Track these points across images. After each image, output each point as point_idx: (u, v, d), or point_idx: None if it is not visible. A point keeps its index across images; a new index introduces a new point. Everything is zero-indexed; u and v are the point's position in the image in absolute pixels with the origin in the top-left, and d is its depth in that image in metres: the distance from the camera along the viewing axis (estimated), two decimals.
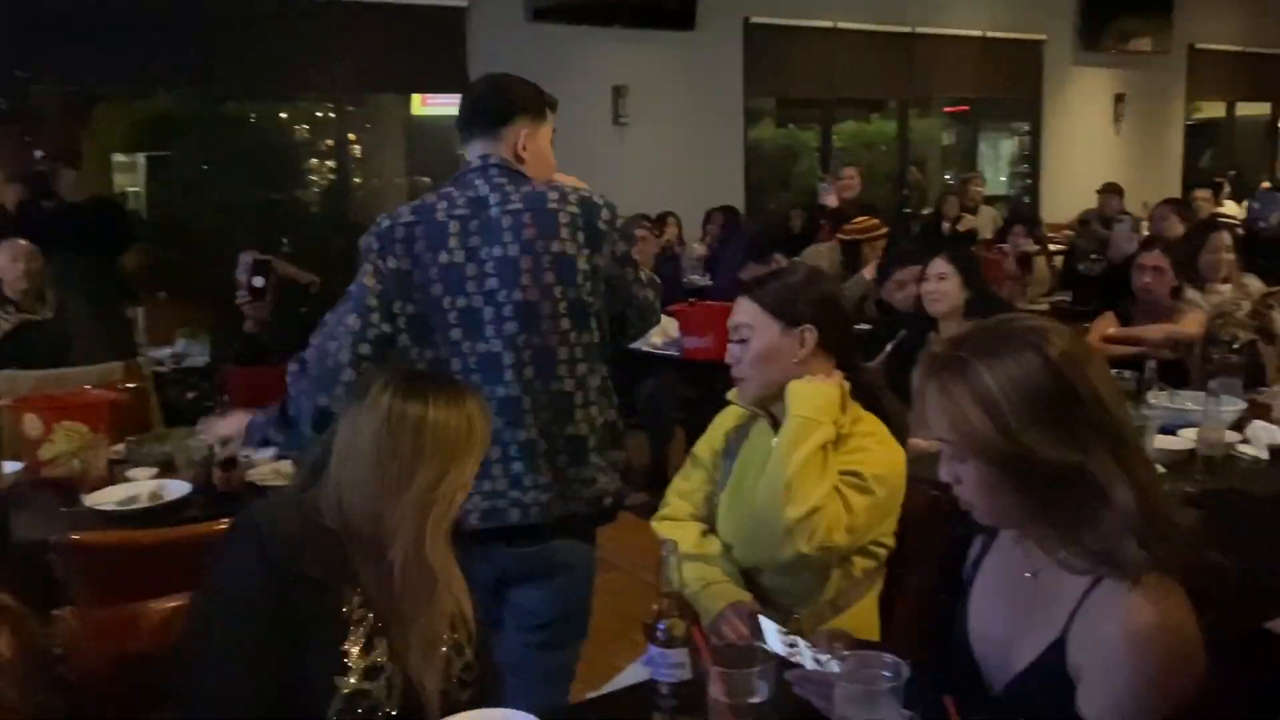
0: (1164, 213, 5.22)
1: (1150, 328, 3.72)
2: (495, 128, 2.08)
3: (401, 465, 1.42)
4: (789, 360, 1.92)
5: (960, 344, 1.32)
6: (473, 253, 1.99)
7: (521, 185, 2.04)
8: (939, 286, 3.34)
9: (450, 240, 2.01)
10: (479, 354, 1.99)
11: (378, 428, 1.43)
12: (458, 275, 1.99)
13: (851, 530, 1.83)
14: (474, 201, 2.02)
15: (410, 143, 9.17)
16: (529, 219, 1.99)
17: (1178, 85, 11.20)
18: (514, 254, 1.98)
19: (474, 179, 2.05)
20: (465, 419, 1.46)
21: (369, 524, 1.43)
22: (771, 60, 8.50)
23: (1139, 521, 1.22)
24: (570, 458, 2.01)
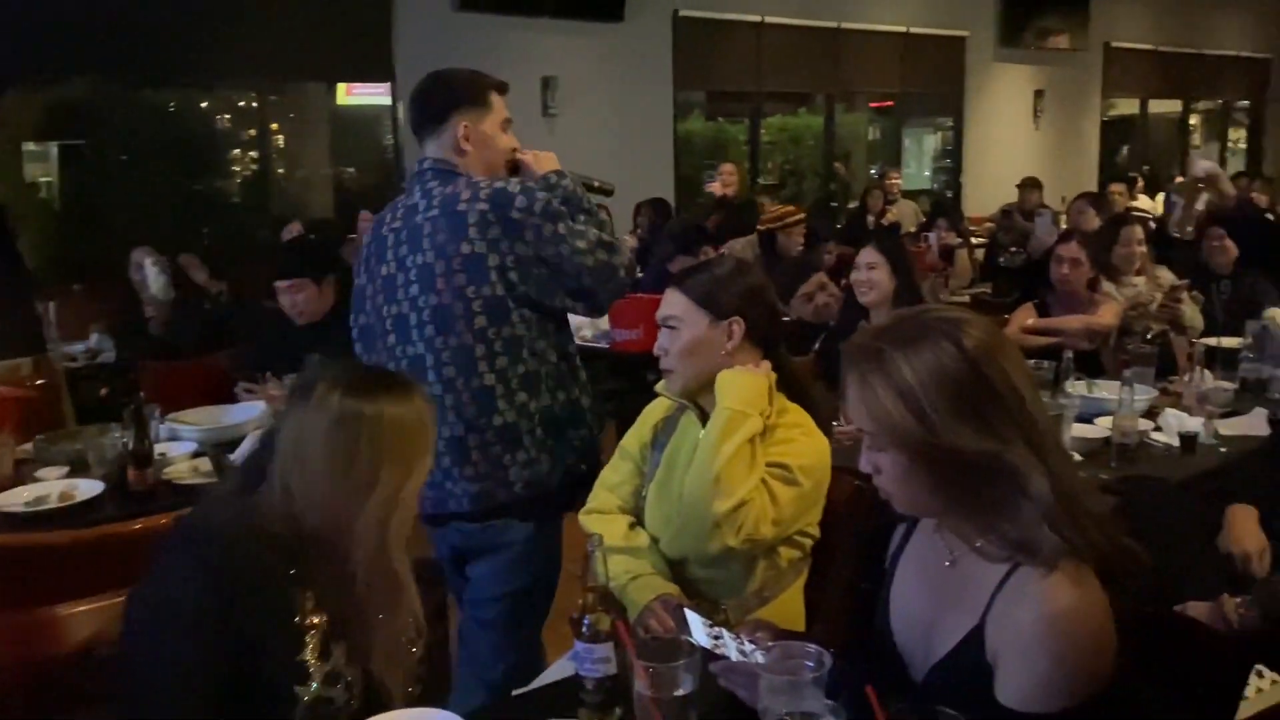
0: (1081, 206, 5.36)
1: (1068, 318, 3.81)
2: (436, 126, 2.18)
3: (363, 468, 1.38)
4: (717, 352, 1.92)
5: (879, 335, 1.33)
6: (401, 262, 2.14)
7: (446, 186, 2.12)
8: (869, 276, 3.38)
9: (388, 252, 2.17)
10: (408, 357, 2.13)
11: (330, 429, 1.39)
12: (391, 284, 2.15)
13: (778, 522, 1.84)
14: (408, 210, 2.16)
15: (335, 133, 9.00)
16: (442, 223, 2.08)
17: (1094, 82, 11.52)
18: (430, 260, 2.09)
19: (414, 185, 2.19)
20: (418, 414, 1.44)
21: (328, 529, 1.39)
22: (700, 53, 8.54)
23: (1054, 509, 1.24)
24: (504, 445, 2.10)
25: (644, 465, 2.06)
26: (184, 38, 6.44)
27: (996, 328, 1.35)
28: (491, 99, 2.23)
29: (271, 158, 7.99)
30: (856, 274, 3.43)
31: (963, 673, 1.29)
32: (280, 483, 1.40)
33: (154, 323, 4.30)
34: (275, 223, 7.31)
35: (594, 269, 2.10)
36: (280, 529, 1.39)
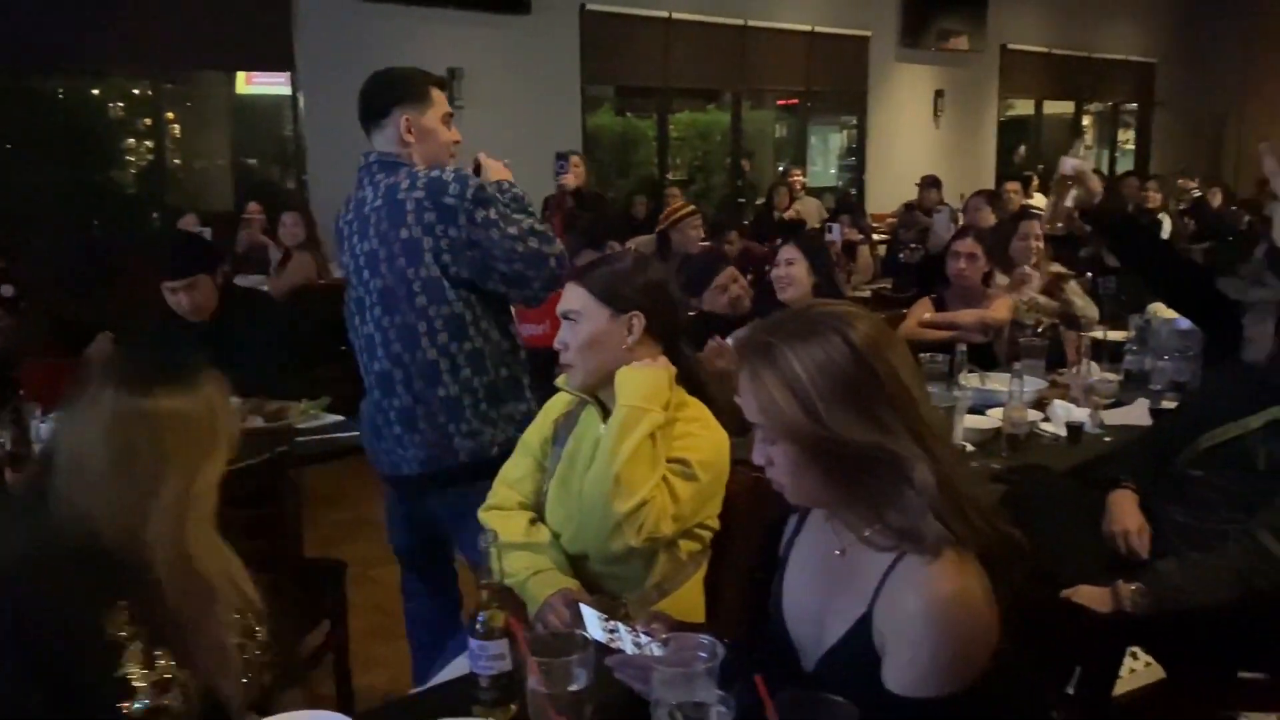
0: (977, 203, 5.51)
1: (963, 312, 3.91)
2: (379, 120, 2.38)
3: (145, 470, 1.30)
4: (617, 346, 1.92)
5: (770, 330, 1.35)
6: (353, 250, 2.38)
7: (390, 176, 2.32)
8: (788, 272, 3.46)
9: (344, 243, 2.43)
10: (363, 336, 2.39)
11: (106, 429, 1.30)
12: (349, 270, 2.41)
13: (678, 518, 1.85)
14: (358, 203, 2.39)
15: (235, 123, 8.77)
16: (384, 212, 2.29)
17: (992, 83, 11.85)
18: (374, 246, 2.31)
19: (362, 177, 2.40)
20: (204, 405, 1.36)
21: (122, 540, 1.31)
22: (609, 48, 8.54)
23: (938, 499, 1.27)
24: (448, 416, 2.31)
25: (545, 461, 2.05)
26: (74, 23, 6.20)
27: (884, 323, 1.38)
28: (432, 94, 2.42)
29: (167, 148, 7.74)
30: (776, 270, 3.51)
31: (852, 660, 1.31)
32: (65, 496, 1.31)
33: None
34: (170, 214, 7.10)
35: (524, 254, 2.26)
36: (76, 545, 1.30)
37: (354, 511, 4.62)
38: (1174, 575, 2.16)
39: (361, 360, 2.44)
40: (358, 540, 4.24)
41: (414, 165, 2.34)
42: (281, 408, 2.96)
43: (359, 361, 2.48)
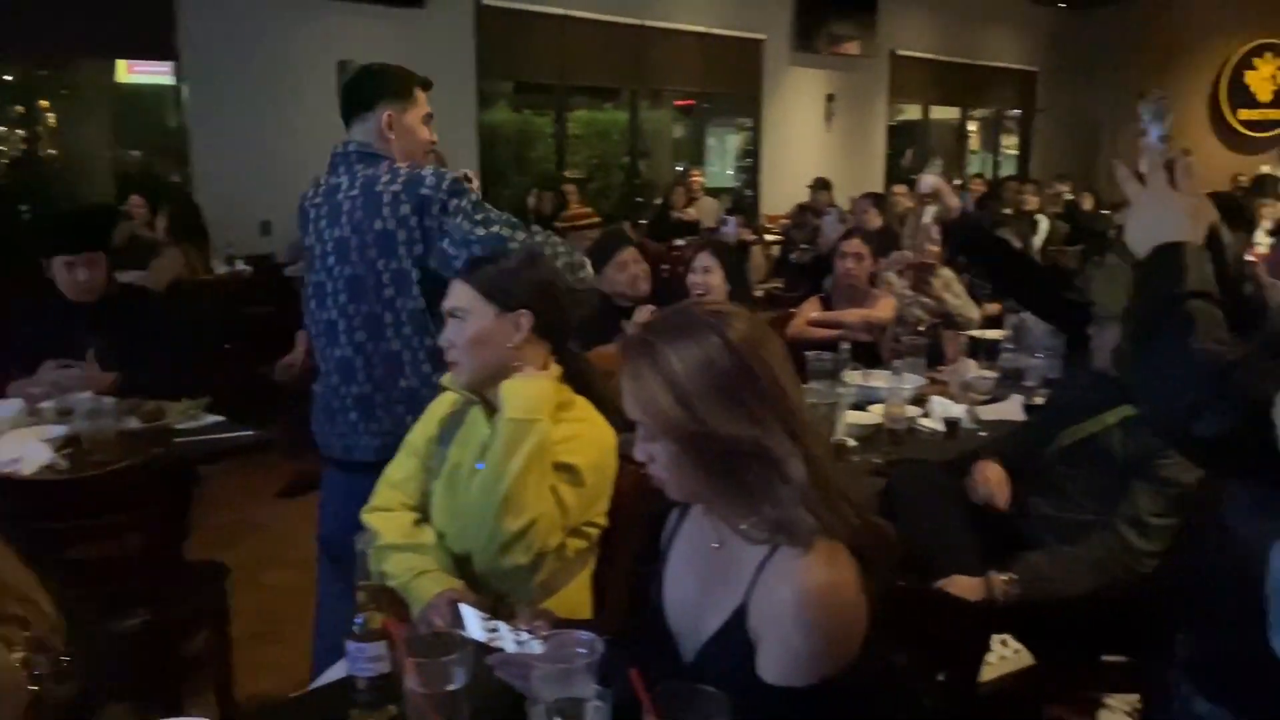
0: (864, 205, 5.66)
1: (848, 312, 4.02)
2: (363, 112, 2.43)
3: None
4: (503, 345, 1.92)
5: (650, 329, 1.38)
6: (320, 234, 2.41)
7: (368, 168, 2.37)
8: (705, 280, 3.53)
9: (309, 225, 2.45)
10: (322, 321, 2.41)
11: None
12: (311, 255, 2.44)
13: (565, 527, 1.86)
14: (330, 188, 2.42)
15: (116, 113, 8.45)
16: (360, 202, 2.34)
17: (881, 88, 12.15)
18: (346, 234, 2.35)
19: (338, 164, 2.43)
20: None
21: None
22: (505, 44, 8.48)
23: (810, 492, 1.31)
24: (407, 407, 2.31)
25: (430, 461, 2.03)
26: None
27: (760, 322, 1.42)
28: (416, 94, 2.48)
29: (41, 138, 7.43)
30: (693, 277, 3.57)
31: (728, 651, 1.34)
32: None
33: None
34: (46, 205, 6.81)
35: (482, 238, 2.29)
36: None
37: (240, 514, 4.52)
38: (1041, 566, 2.27)
39: (318, 344, 2.46)
40: (244, 543, 4.15)
41: (393, 160, 2.39)
42: (158, 408, 2.87)
43: (314, 345, 2.50)
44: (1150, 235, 1.35)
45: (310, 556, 3.87)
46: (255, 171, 6.90)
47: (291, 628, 3.41)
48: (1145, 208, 1.40)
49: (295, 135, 7.12)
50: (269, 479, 4.69)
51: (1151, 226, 1.36)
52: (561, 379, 1.97)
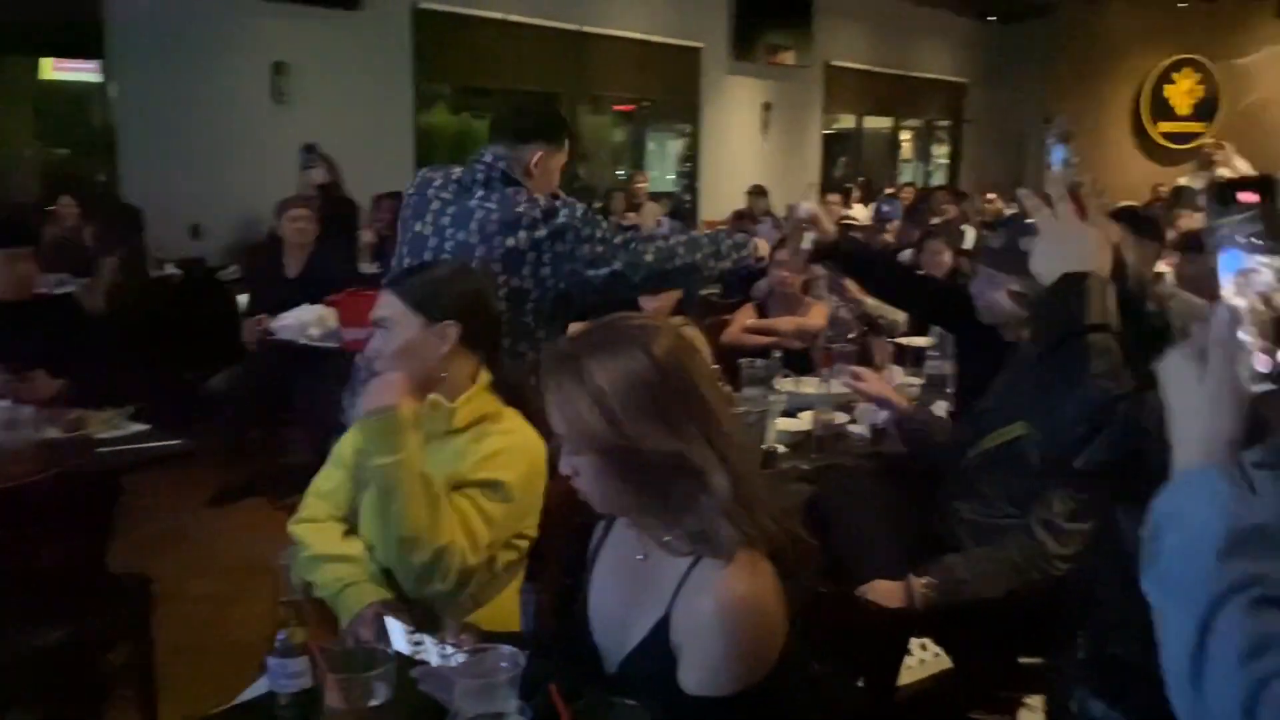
0: None
1: (782, 320, 4.08)
2: (517, 143, 2.54)
3: None
4: (430, 355, 1.91)
5: (575, 343, 1.39)
6: (440, 230, 2.49)
7: (509, 187, 2.47)
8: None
9: (428, 214, 2.53)
10: None
11: None
12: (421, 244, 2.51)
13: (492, 544, 1.86)
14: (462, 187, 2.51)
15: (40, 110, 8.21)
16: (495, 215, 2.43)
17: (817, 98, 12.31)
18: (473, 241, 2.43)
19: (477, 169, 2.51)
20: None
21: None
22: (443, 47, 8.43)
23: (732, 504, 1.33)
24: None
25: (358, 472, 2.02)
26: None
27: (684, 336, 1.44)
28: (565, 143, 2.63)
29: None
30: None
31: (651, 663, 1.36)
32: None
33: None
34: None
35: (604, 284, 2.47)
36: None
37: (166, 523, 4.42)
38: (959, 568, 2.32)
39: None
40: (170, 554, 4.07)
41: (531, 190, 2.50)
42: (80, 417, 2.81)
43: None
44: (1056, 264, 1.37)
45: (237, 566, 3.85)
46: (186, 173, 6.77)
47: (217, 640, 3.36)
48: (1052, 236, 1.41)
49: (228, 137, 7.01)
50: (196, 488, 4.61)
51: (1057, 255, 1.38)
52: (490, 388, 1.98)
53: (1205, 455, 0.87)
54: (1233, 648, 0.78)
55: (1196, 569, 0.82)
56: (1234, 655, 0.77)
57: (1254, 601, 0.79)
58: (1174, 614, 0.83)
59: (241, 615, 3.49)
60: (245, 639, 2.77)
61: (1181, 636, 0.81)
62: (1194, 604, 0.81)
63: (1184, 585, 0.82)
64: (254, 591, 3.56)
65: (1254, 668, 0.76)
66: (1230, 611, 0.79)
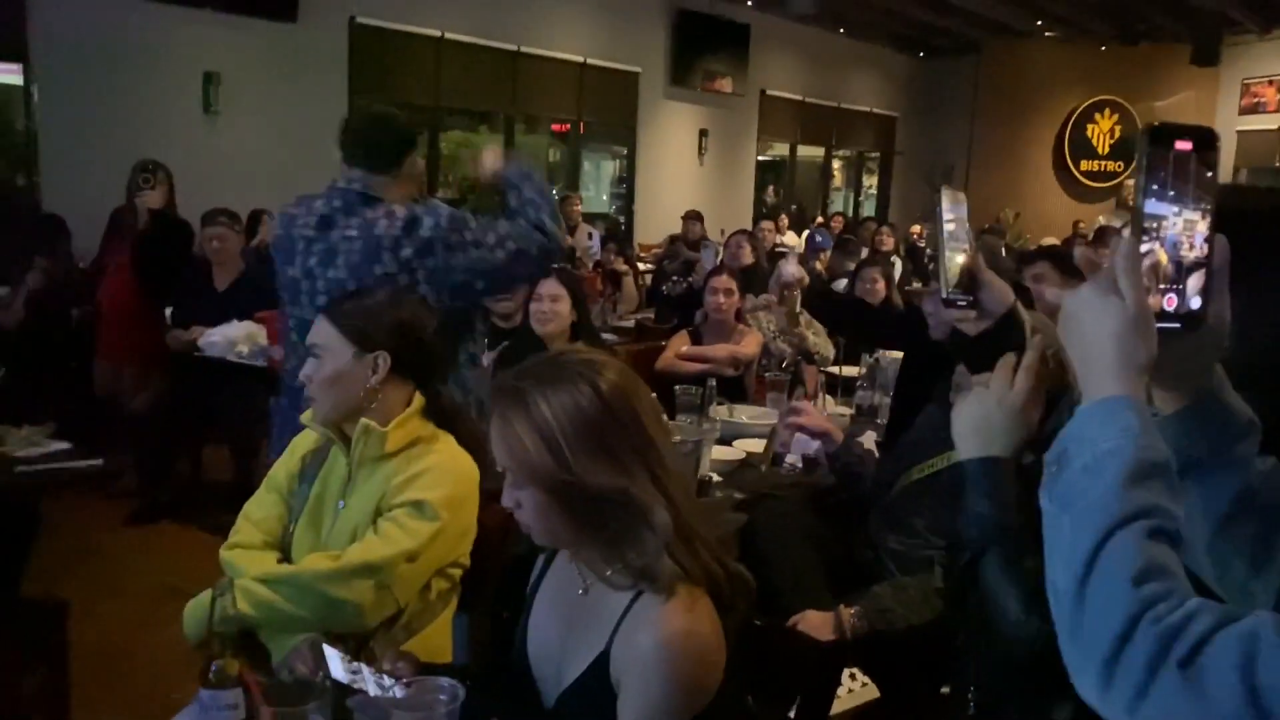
0: (738, 241, 5.78)
1: (716, 347, 4.12)
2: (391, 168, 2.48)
3: None
4: (360, 384, 1.89)
5: (521, 376, 1.39)
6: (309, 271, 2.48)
7: (367, 210, 2.42)
8: (552, 308, 3.42)
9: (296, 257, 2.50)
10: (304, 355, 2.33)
11: None
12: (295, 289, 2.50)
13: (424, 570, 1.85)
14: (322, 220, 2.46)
15: None
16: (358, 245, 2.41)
17: (752, 125, 12.49)
18: (343, 276, 2.41)
19: (333, 198, 2.47)
20: None
21: None
22: (378, 62, 8.39)
23: (673, 540, 1.35)
24: None
25: (291, 498, 1.99)
26: None
27: (631, 371, 1.45)
28: (415, 146, 2.60)
29: None
30: (538, 305, 3.46)
31: (589, 698, 1.36)
32: None
33: None
34: None
35: (504, 261, 2.40)
36: None
37: (74, 541, 4.28)
38: (884, 597, 2.36)
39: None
40: (78, 573, 3.94)
41: (390, 204, 2.43)
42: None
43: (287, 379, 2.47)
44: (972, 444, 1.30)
45: (153, 587, 3.74)
46: (112, 180, 6.60)
47: (132, 663, 3.27)
48: (976, 407, 1.31)
49: (156, 146, 6.83)
50: (109, 505, 4.48)
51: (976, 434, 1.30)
52: (423, 413, 1.96)
53: (1118, 384, 0.90)
54: (1125, 568, 0.82)
55: (1100, 490, 0.86)
56: (1125, 575, 0.82)
57: (1149, 530, 0.84)
58: (1070, 529, 0.87)
59: (158, 639, 3.39)
60: (162, 662, 2.69)
61: (1076, 550, 0.85)
62: (1093, 522, 0.85)
63: (1085, 503, 0.86)
64: (172, 614, 3.47)
65: (1141, 591, 0.81)
66: (1126, 535, 0.83)
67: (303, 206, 2.51)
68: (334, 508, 1.90)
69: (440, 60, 8.88)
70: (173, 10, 6.95)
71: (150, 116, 6.85)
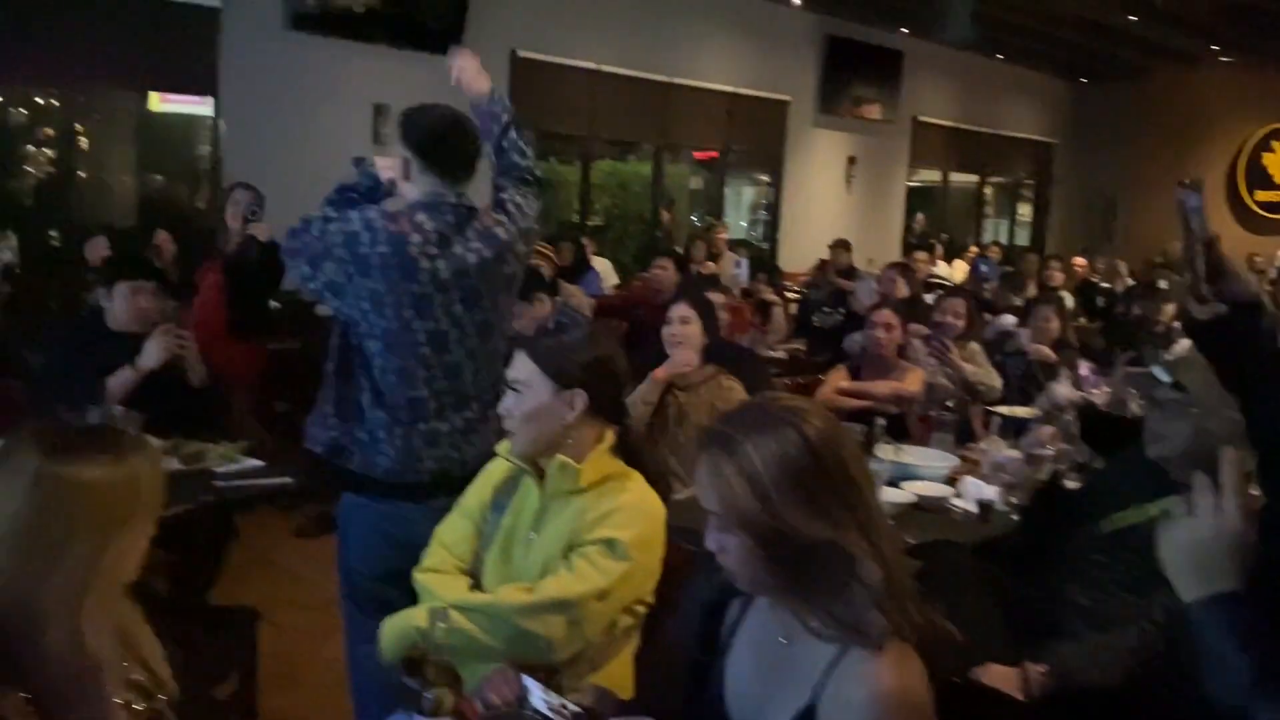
0: (891, 275, 5.67)
1: (878, 384, 4.04)
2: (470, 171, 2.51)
3: (49, 541, 1.26)
4: (558, 421, 1.94)
5: (728, 421, 1.40)
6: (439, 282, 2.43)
7: (479, 221, 2.48)
8: (682, 330, 3.41)
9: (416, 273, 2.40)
10: (445, 365, 2.43)
11: (21, 494, 1.26)
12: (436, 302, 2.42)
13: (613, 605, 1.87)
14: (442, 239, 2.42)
15: (145, 140, 8.54)
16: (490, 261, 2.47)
17: (902, 152, 12.29)
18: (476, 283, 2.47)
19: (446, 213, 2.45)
20: (127, 476, 1.31)
21: (16, 611, 1.26)
22: (536, 94, 8.60)
23: (883, 593, 1.33)
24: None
25: (483, 525, 2.05)
26: None
27: (834, 418, 1.44)
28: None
29: (74, 160, 7.51)
30: (669, 328, 3.44)
31: None
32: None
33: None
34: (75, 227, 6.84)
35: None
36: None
37: (254, 552, 4.49)
38: (1076, 657, 2.26)
39: (434, 385, 2.40)
40: (258, 582, 4.12)
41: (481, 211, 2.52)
42: (199, 450, 2.89)
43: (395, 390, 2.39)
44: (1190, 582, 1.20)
45: (329, 599, 3.88)
46: (290, 207, 6.96)
47: (311, 673, 3.40)
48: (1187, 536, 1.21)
49: (329, 172, 7.18)
50: (282, 516, 4.68)
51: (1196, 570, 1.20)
52: (613, 450, 1.99)
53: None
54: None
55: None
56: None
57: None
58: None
59: (334, 651, 3.53)
60: (340, 674, 2.78)
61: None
62: None
63: None
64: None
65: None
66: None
67: (409, 223, 2.38)
68: (525, 539, 1.95)
69: (594, 91, 9.06)
70: (345, 45, 7.31)
71: (324, 146, 7.18)
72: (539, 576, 1.89)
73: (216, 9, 6.76)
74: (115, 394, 3.00)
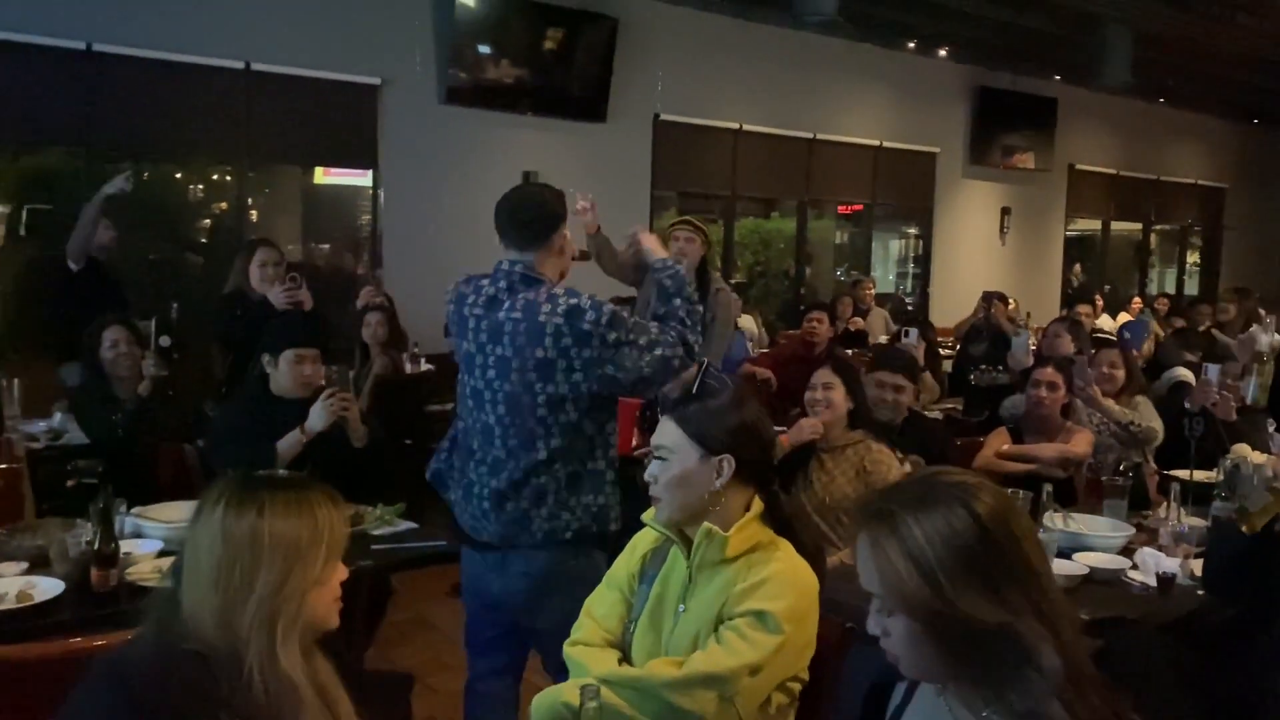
0: (1056, 330, 5.37)
1: (1043, 446, 3.83)
2: (543, 241, 2.51)
3: (242, 572, 1.42)
4: (705, 487, 1.90)
5: (888, 496, 1.33)
6: (481, 347, 2.51)
7: (529, 292, 2.47)
8: (826, 396, 3.33)
9: (469, 334, 2.55)
10: (480, 423, 2.53)
11: (213, 541, 1.43)
12: (470, 362, 2.55)
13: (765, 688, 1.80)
14: (490, 302, 2.50)
15: (309, 209, 9.03)
16: (522, 327, 2.44)
17: (1058, 202, 11.87)
18: (508, 355, 2.46)
19: (499, 280, 2.51)
20: (309, 518, 1.47)
21: (221, 638, 1.41)
22: (679, 156, 8.71)
23: (1064, 683, 1.22)
24: (533, 502, 2.47)
25: (631, 596, 2.01)
26: (164, 113, 6.51)
27: (1005, 493, 1.35)
28: (564, 218, 2.59)
29: (245, 231, 7.98)
30: (812, 394, 3.38)
31: None
32: (184, 600, 1.44)
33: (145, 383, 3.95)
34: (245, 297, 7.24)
35: (654, 362, 2.43)
36: (193, 646, 1.41)
37: (410, 613, 4.56)
38: None
39: (473, 440, 2.56)
40: (414, 644, 4.18)
41: (551, 283, 2.51)
42: (357, 514, 2.96)
43: (462, 435, 2.61)
44: None
45: None
46: (441, 273, 7.21)
47: None
48: None
49: (479, 240, 7.43)
50: (434, 574, 4.74)
51: None
52: (762, 518, 1.94)
53: None
54: None
55: None
56: None
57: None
58: None
59: None
60: None
61: None
62: None
63: None
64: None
65: None
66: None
67: (471, 285, 2.57)
68: (674, 610, 1.90)
69: (737, 151, 9.10)
70: (497, 116, 7.59)
71: (476, 213, 7.39)
72: (690, 650, 1.84)
73: (376, 85, 7.13)
74: (285, 457, 3.12)
